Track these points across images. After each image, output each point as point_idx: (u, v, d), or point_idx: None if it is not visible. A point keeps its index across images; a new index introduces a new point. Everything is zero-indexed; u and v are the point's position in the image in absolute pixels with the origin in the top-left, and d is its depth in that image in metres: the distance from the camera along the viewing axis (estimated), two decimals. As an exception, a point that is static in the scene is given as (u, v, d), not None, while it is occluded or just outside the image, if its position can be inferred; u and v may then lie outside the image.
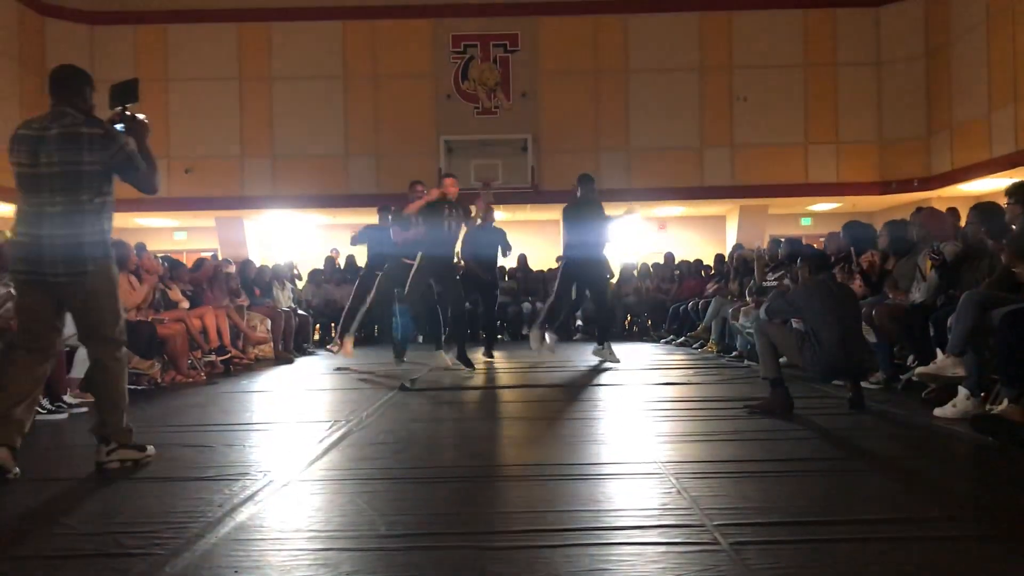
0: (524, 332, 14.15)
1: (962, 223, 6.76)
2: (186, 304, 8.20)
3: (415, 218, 7.36)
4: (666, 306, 12.42)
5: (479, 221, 8.09)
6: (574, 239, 8.00)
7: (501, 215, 17.34)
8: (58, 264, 3.47)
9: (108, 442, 3.59)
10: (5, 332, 5.04)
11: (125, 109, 3.64)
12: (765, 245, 10.07)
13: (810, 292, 4.94)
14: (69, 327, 3.92)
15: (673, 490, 2.98)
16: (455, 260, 7.81)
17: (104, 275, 3.58)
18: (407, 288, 7.35)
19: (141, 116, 3.67)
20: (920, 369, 4.99)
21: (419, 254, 7.37)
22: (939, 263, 5.39)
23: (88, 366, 3.82)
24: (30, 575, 2.24)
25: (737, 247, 11.25)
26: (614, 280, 8.60)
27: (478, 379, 7.14)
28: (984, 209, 5.35)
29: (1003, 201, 5.02)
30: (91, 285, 3.53)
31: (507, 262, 15.01)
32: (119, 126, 3.62)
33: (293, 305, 10.88)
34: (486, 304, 9.25)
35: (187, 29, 15.83)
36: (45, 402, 5.20)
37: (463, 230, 7.83)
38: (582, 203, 8.13)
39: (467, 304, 8.34)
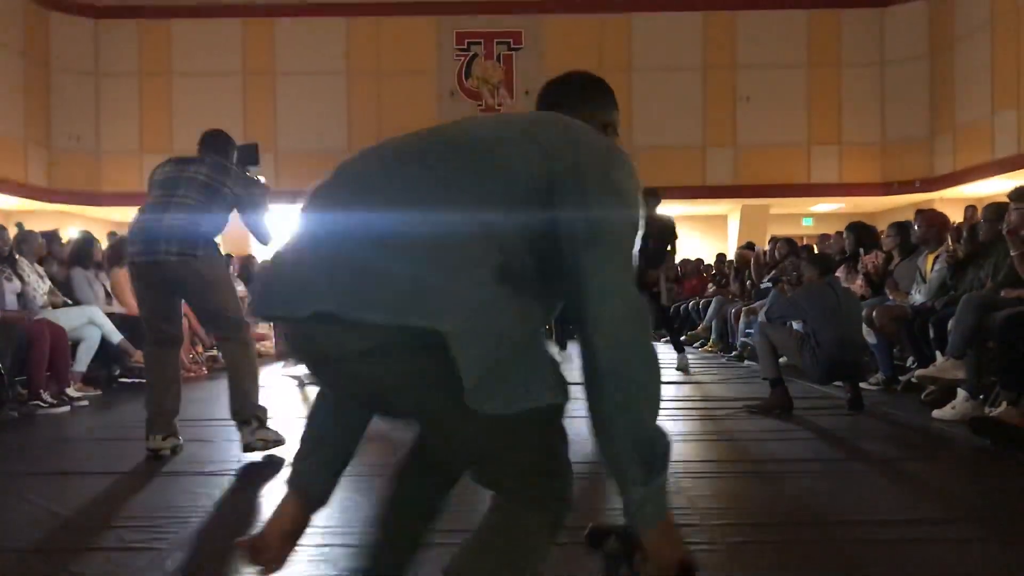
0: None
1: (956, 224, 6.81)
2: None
3: None
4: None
5: None
6: None
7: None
8: (173, 243, 3.60)
9: (250, 423, 3.63)
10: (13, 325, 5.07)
11: (246, 171, 4.05)
12: (766, 246, 10.07)
13: (815, 293, 4.94)
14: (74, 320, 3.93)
15: (671, 489, 2.98)
16: None
17: (213, 262, 3.74)
18: None
19: (262, 179, 4.10)
20: (920, 371, 5.00)
21: None
22: (953, 262, 5.42)
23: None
24: (31, 569, 2.25)
25: (748, 245, 11.18)
26: None
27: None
28: (1000, 208, 5.41)
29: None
30: (202, 269, 3.66)
31: None
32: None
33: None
34: None
35: (191, 24, 15.84)
36: (47, 396, 5.22)
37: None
38: None
39: None
